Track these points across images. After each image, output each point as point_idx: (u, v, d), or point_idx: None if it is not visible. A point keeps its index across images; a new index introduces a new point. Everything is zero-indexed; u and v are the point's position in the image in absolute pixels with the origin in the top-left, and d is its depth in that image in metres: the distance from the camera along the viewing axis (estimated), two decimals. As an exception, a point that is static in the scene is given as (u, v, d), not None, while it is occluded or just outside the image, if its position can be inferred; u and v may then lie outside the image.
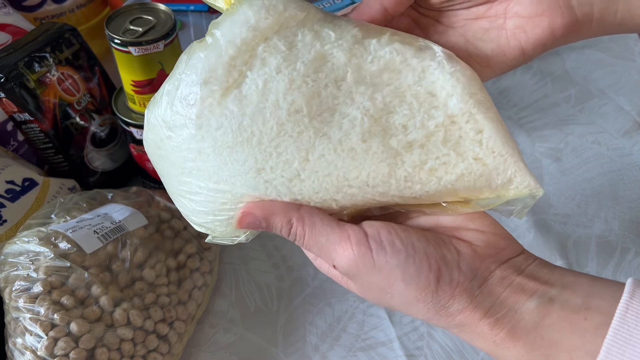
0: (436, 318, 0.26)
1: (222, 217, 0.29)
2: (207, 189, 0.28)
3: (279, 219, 0.26)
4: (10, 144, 0.50)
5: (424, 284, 0.25)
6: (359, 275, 0.25)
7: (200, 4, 0.59)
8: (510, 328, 0.25)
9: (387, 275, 0.25)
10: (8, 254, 0.40)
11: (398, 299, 0.26)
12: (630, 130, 0.63)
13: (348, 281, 0.28)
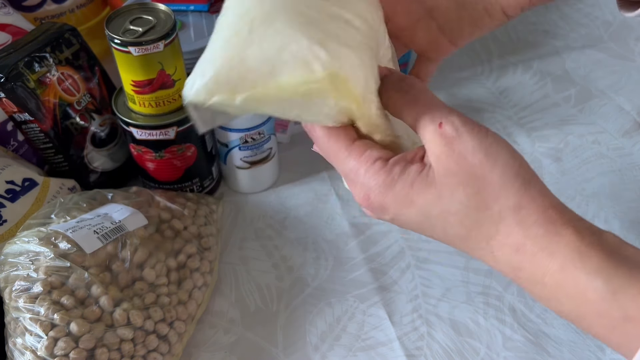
0: (527, 205, 0.25)
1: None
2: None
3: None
4: (10, 144, 0.50)
5: (524, 165, 0.27)
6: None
7: (200, 4, 0.59)
8: (596, 239, 0.25)
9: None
10: (8, 254, 0.40)
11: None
12: (630, 130, 0.63)
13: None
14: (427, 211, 0.26)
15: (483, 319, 0.46)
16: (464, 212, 0.25)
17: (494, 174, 0.25)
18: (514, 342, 0.45)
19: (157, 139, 0.47)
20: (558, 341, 0.45)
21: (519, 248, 0.25)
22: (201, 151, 0.51)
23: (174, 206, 0.47)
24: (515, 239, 0.25)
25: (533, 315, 0.47)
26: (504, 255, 0.25)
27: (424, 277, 0.50)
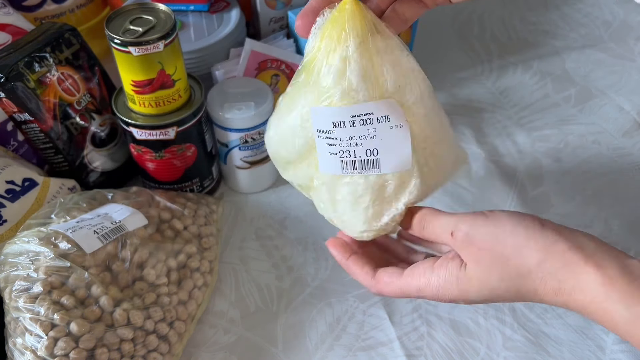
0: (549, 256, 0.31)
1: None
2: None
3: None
4: (10, 144, 0.50)
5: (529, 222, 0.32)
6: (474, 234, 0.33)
7: (201, 4, 0.59)
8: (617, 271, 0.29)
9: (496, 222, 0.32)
10: (8, 254, 0.40)
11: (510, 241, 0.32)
12: (630, 130, 0.63)
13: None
14: (482, 294, 0.33)
15: (483, 319, 0.46)
16: (505, 284, 0.32)
17: (508, 247, 0.32)
18: (514, 342, 0.45)
19: (157, 139, 0.47)
20: (558, 341, 0.45)
21: (556, 292, 0.31)
22: (201, 151, 0.51)
23: (174, 206, 0.47)
24: (552, 286, 0.31)
25: (533, 315, 0.47)
26: (550, 299, 0.31)
27: (424, 277, 0.50)
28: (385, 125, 0.31)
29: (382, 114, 0.31)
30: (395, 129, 0.31)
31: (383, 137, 0.31)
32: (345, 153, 0.32)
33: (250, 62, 0.55)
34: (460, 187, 0.57)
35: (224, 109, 0.49)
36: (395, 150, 0.32)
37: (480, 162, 0.59)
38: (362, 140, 0.32)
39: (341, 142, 0.32)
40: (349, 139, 0.31)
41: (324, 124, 0.32)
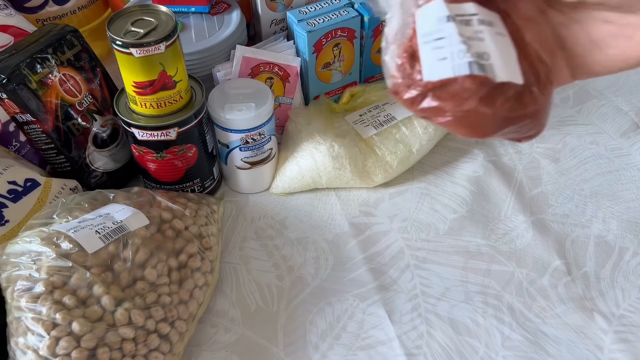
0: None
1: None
2: None
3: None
4: (12, 145, 0.50)
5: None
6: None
7: (201, 6, 0.59)
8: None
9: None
10: (10, 254, 0.40)
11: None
12: (628, 130, 0.63)
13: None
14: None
15: (482, 318, 0.47)
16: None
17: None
18: (513, 341, 0.45)
19: (158, 140, 0.48)
20: (557, 340, 0.45)
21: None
22: (202, 152, 0.51)
23: (175, 206, 0.48)
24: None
25: (532, 315, 0.47)
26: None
27: (424, 276, 0.50)
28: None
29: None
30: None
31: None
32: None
33: (243, 67, 0.55)
34: (459, 186, 0.57)
35: (225, 109, 0.50)
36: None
37: (479, 162, 0.60)
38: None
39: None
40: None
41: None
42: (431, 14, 0.28)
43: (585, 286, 0.49)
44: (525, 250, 0.52)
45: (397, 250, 0.52)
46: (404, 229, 0.54)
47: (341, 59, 0.61)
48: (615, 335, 0.46)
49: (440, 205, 0.56)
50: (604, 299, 0.48)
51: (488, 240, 0.53)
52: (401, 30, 0.28)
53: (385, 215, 0.55)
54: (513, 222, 0.54)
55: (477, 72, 0.27)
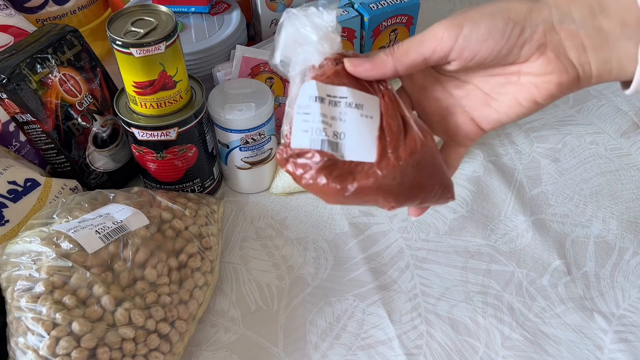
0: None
1: None
2: None
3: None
4: (13, 145, 0.50)
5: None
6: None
7: (202, 6, 0.59)
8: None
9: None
10: (10, 254, 0.40)
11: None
12: (628, 130, 0.63)
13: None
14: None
15: (482, 318, 0.47)
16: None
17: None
18: (513, 341, 0.45)
19: (158, 140, 0.48)
20: (556, 340, 0.45)
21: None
22: (202, 152, 0.51)
23: (175, 206, 0.48)
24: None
25: (531, 315, 0.47)
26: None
27: (423, 276, 0.50)
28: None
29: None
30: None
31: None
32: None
33: (243, 67, 0.55)
34: (459, 186, 0.57)
35: (225, 109, 0.50)
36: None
37: (479, 162, 0.60)
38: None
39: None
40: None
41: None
42: (307, 91, 0.32)
43: (585, 286, 0.49)
44: (525, 250, 0.52)
45: (397, 250, 0.52)
46: (404, 229, 0.54)
47: (341, 59, 0.61)
48: (615, 335, 0.46)
49: (440, 205, 0.56)
50: (604, 299, 0.48)
51: (488, 240, 0.53)
52: (293, 99, 0.32)
53: (385, 215, 0.55)
54: (513, 222, 0.54)
55: (326, 149, 0.31)
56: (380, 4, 0.59)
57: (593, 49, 0.28)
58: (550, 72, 0.29)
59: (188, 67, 0.50)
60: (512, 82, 0.30)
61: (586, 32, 0.28)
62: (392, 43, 0.63)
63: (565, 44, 0.28)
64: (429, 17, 0.81)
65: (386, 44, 0.63)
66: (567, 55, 0.28)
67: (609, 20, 0.27)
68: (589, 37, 0.28)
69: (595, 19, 0.28)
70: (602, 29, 0.28)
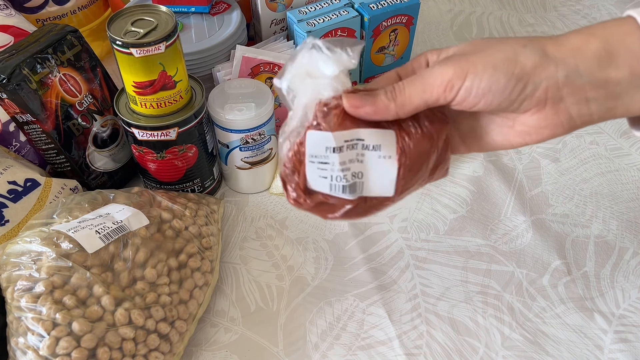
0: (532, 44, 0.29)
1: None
2: None
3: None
4: (13, 145, 0.50)
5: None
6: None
7: (202, 6, 0.59)
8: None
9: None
10: (10, 254, 0.40)
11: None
12: (628, 130, 0.63)
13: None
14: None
15: (482, 318, 0.47)
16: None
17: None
18: (513, 341, 0.45)
19: (158, 140, 0.48)
20: (556, 340, 0.45)
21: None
22: (202, 152, 0.51)
23: (175, 206, 0.48)
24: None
25: (531, 315, 0.47)
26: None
27: (423, 276, 0.50)
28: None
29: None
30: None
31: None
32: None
33: (243, 67, 0.55)
34: (459, 186, 0.57)
35: (225, 109, 0.50)
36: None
37: (479, 162, 0.60)
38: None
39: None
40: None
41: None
42: (320, 142, 0.31)
43: (585, 286, 0.49)
44: (525, 250, 0.52)
45: (397, 250, 0.52)
46: (404, 229, 0.54)
47: (341, 59, 0.61)
48: (615, 335, 0.46)
49: (440, 205, 0.56)
50: (604, 299, 0.48)
51: (488, 240, 0.53)
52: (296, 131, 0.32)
53: (385, 215, 0.55)
54: (513, 222, 0.54)
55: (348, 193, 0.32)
56: (380, 4, 0.59)
57: (598, 100, 0.28)
58: (545, 126, 0.29)
59: (188, 67, 0.50)
60: (508, 127, 0.31)
61: (592, 85, 0.28)
62: (392, 43, 0.63)
63: (567, 100, 0.28)
64: (429, 17, 0.81)
65: (386, 44, 0.63)
66: (568, 111, 0.29)
67: (617, 70, 0.27)
68: (595, 89, 0.28)
69: (604, 70, 0.27)
70: (610, 79, 0.27)
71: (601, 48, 0.28)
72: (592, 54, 0.28)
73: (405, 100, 0.30)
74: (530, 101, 0.28)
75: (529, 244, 0.52)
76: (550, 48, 0.28)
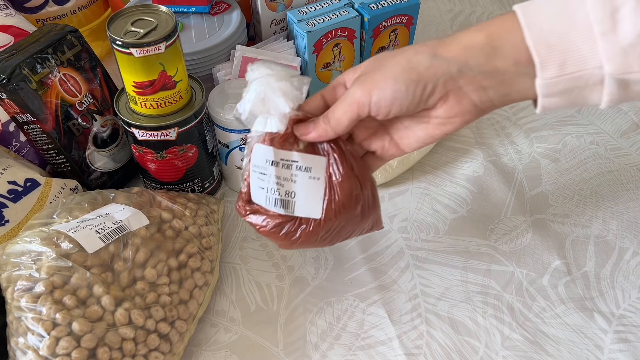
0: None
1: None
2: None
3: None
4: (13, 145, 0.50)
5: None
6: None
7: (202, 6, 0.59)
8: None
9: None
10: (10, 254, 0.40)
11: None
12: (628, 130, 0.63)
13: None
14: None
15: (482, 318, 0.47)
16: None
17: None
18: (513, 341, 0.45)
19: (158, 140, 0.48)
20: (556, 340, 0.45)
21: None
22: (202, 152, 0.51)
23: (175, 206, 0.48)
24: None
25: (532, 315, 0.47)
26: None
27: (423, 276, 0.50)
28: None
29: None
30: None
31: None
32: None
33: (243, 67, 0.55)
34: (459, 186, 0.57)
35: (225, 109, 0.50)
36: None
37: (479, 162, 0.60)
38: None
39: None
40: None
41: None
42: (263, 154, 0.37)
43: (585, 286, 0.49)
44: (525, 250, 0.52)
45: (397, 251, 0.52)
46: (404, 229, 0.54)
47: (341, 59, 0.61)
48: (615, 335, 0.46)
49: (440, 205, 0.56)
50: (604, 299, 0.48)
51: (488, 240, 0.53)
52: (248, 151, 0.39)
53: (385, 215, 0.55)
54: (513, 222, 0.54)
55: (279, 207, 0.38)
56: (380, 4, 0.59)
57: (492, 87, 0.33)
58: (455, 114, 0.34)
59: (188, 67, 0.50)
60: (425, 122, 0.36)
61: (484, 75, 0.32)
62: (392, 43, 0.63)
63: (466, 89, 0.33)
64: (429, 17, 0.81)
65: (386, 44, 0.63)
66: (470, 98, 0.33)
67: (503, 61, 0.31)
68: (487, 79, 0.32)
69: (491, 62, 0.32)
70: (498, 69, 0.32)
71: (487, 43, 0.32)
72: (480, 49, 0.32)
73: (336, 121, 0.35)
74: (434, 97, 0.33)
75: (529, 244, 0.52)
76: (441, 50, 0.33)
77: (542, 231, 0.53)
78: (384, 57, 0.35)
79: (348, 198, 0.37)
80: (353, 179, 0.37)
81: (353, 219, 0.39)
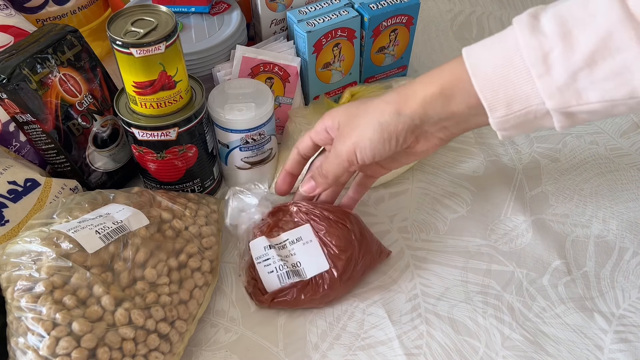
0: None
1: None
2: None
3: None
4: (12, 145, 0.50)
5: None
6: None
7: (202, 6, 0.59)
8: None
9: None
10: (10, 254, 0.40)
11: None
12: (628, 130, 0.63)
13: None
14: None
15: (482, 318, 0.47)
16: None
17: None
18: (513, 341, 0.45)
19: (158, 140, 0.48)
20: (556, 340, 0.45)
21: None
22: (202, 152, 0.51)
23: (175, 206, 0.48)
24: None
25: (532, 315, 0.47)
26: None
27: (423, 276, 0.50)
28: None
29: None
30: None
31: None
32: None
33: (243, 67, 0.55)
34: (459, 186, 0.57)
35: (225, 109, 0.50)
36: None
37: (479, 162, 0.60)
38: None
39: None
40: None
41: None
42: (259, 245, 0.46)
43: (585, 286, 0.49)
44: (525, 250, 0.52)
45: (397, 251, 0.52)
46: (404, 229, 0.54)
47: (341, 59, 0.61)
48: (615, 335, 0.46)
49: (440, 205, 0.56)
50: (604, 299, 0.48)
51: (488, 240, 0.53)
52: (244, 251, 0.48)
53: (385, 215, 0.55)
54: (513, 222, 0.54)
55: (292, 277, 0.45)
56: (380, 4, 0.59)
57: (453, 125, 0.39)
58: (426, 149, 0.41)
59: (188, 67, 0.50)
60: (406, 153, 0.43)
61: (443, 119, 0.38)
62: (392, 43, 0.63)
63: (431, 131, 0.40)
64: (429, 17, 0.81)
65: (386, 44, 0.63)
66: (436, 136, 0.40)
67: (457, 106, 0.37)
68: (446, 121, 0.38)
69: (447, 109, 0.37)
70: (455, 113, 0.37)
71: (440, 94, 0.37)
72: (435, 101, 0.37)
73: (329, 174, 0.44)
74: (407, 143, 0.40)
75: (529, 244, 0.52)
76: (402, 107, 0.39)
77: (542, 231, 0.53)
78: (355, 116, 0.41)
79: (339, 238, 0.45)
80: (335, 225, 0.46)
81: (354, 251, 0.45)
